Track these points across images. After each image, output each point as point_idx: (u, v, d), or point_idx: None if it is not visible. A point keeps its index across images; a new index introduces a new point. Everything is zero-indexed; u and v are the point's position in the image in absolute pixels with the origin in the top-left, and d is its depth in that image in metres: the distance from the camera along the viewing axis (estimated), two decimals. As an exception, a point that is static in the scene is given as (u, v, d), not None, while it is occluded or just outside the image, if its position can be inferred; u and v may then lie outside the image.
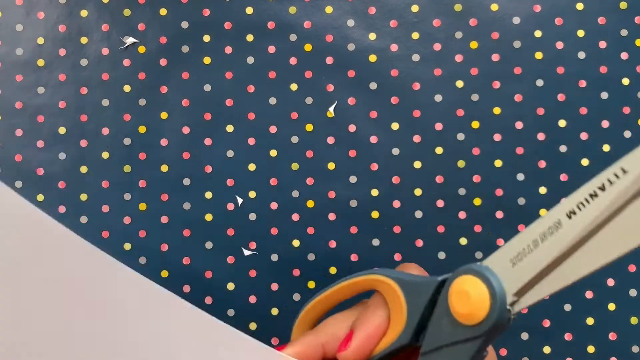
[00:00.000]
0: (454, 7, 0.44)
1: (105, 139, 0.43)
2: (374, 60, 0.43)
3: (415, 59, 0.43)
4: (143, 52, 0.44)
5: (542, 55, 0.43)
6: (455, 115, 0.43)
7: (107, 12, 0.44)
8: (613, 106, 0.42)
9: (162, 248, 0.43)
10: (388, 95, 0.43)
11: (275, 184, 0.43)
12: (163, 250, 0.43)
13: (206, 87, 0.44)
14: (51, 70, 0.44)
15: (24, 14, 0.44)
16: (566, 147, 0.43)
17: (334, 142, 0.43)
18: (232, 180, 0.43)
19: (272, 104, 0.43)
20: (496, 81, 0.43)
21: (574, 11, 0.43)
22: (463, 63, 0.43)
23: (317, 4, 0.44)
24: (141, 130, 0.44)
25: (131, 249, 0.43)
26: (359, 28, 0.44)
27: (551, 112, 0.43)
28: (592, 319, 0.42)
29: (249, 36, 0.44)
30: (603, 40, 0.43)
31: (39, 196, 0.43)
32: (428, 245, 0.42)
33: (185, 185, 0.43)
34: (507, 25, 0.43)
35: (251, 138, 0.43)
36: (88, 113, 0.44)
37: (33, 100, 0.44)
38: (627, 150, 0.44)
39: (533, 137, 0.43)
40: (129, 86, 0.44)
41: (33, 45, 0.44)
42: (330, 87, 0.43)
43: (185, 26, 0.44)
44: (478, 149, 0.43)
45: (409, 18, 0.44)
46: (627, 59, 0.43)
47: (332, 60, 0.44)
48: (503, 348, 0.42)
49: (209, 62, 0.44)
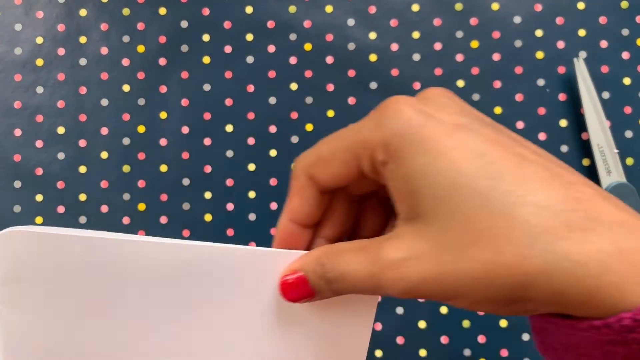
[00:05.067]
0: (455, 6, 0.43)
1: (104, 139, 0.43)
2: (374, 60, 0.43)
3: (416, 59, 0.43)
4: (142, 52, 0.44)
5: (543, 54, 0.43)
6: (455, 115, 0.43)
7: (106, 12, 0.44)
8: (614, 106, 0.42)
9: (161, 248, 0.43)
10: (388, 95, 0.43)
11: (275, 184, 0.43)
12: (162, 251, 0.43)
13: (206, 86, 0.43)
14: (50, 69, 0.44)
15: (22, 14, 0.44)
16: (567, 146, 0.42)
17: (334, 142, 0.43)
18: (232, 180, 0.43)
19: (272, 103, 0.43)
20: (497, 81, 0.43)
21: (575, 10, 0.43)
22: (464, 62, 0.43)
23: (317, 3, 0.44)
24: (140, 130, 0.43)
25: (130, 249, 0.43)
26: (359, 27, 0.43)
27: (552, 111, 0.43)
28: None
29: (248, 35, 0.44)
30: (604, 40, 0.43)
31: (38, 196, 0.43)
32: (428, 246, 0.42)
33: (184, 185, 0.43)
34: (508, 24, 0.43)
35: (251, 138, 0.43)
36: (87, 113, 0.43)
37: (32, 100, 0.43)
38: (628, 150, 0.44)
39: (534, 137, 0.43)
40: (128, 86, 0.44)
41: (32, 45, 0.44)
42: (330, 87, 0.43)
43: (184, 25, 0.44)
44: (479, 148, 0.43)
45: (409, 17, 0.44)
46: (628, 58, 0.43)
47: (332, 60, 0.43)
48: (504, 349, 0.42)
49: (209, 61, 0.44)
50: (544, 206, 0.19)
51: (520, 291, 0.20)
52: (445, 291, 0.21)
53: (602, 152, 0.41)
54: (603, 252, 0.19)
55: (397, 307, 0.42)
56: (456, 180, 0.20)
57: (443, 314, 0.42)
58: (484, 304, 0.21)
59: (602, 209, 0.19)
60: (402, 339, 0.42)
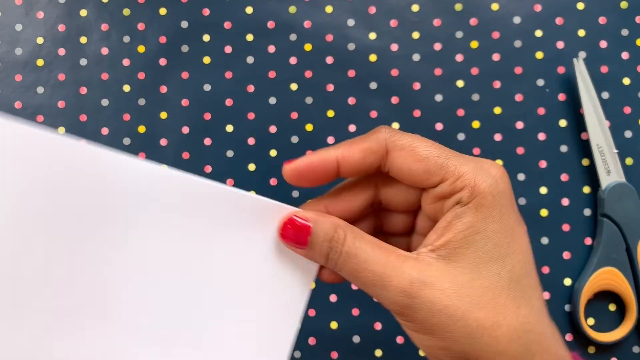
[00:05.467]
0: (455, 6, 0.43)
1: (104, 139, 0.43)
2: (374, 60, 0.43)
3: (416, 59, 0.43)
4: (143, 52, 0.44)
5: (543, 54, 0.43)
6: (455, 115, 0.43)
7: (107, 12, 0.44)
8: (614, 106, 0.42)
9: (161, 248, 0.43)
10: (388, 95, 0.43)
11: (275, 184, 0.43)
12: (163, 251, 0.43)
13: (206, 86, 0.44)
14: (50, 70, 0.44)
15: (23, 14, 0.44)
16: (567, 147, 0.42)
17: (334, 142, 0.43)
18: (232, 180, 0.43)
19: (272, 103, 0.43)
20: (497, 81, 0.43)
21: (574, 11, 0.43)
22: (463, 63, 0.43)
23: (317, 4, 0.44)
24: (141, 130, 0.43)
25: (131, 249, 0.43)
26: (359, 28, 0.44)
27: (552, 111, 0.43)
28: (593, 319, 0.42)
29: (248, 36, 0.44)
30: (604, 40, 0.43)
31: (39, 196, 0.43)
32: (428, 246, 0.42)
33: (185, 185, 0.43)
34: (507, 24, 0.43)
35: (251, 138, 0.43)
36: (87, 113, 0.43)
37: (32, 100, 0.43)
38: (628, 150, 0.45)
39: (533, 137, 0.43)
40: (129, 86, 0.44)
41: (32, 45, 0.44)
42: (330, 87, 0.43)
43: (185, 26, 0.44)
44: (478, 148, 0.43)
45: (409, 17, 0.44)
46: (627, 58, 0.43)
47: (332, 60, 0.43)
48: (503, 348, 0.42)
49: (209, 61, 0.44)
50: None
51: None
52: (427, 328, 0.25)
53: (601, 152, 0.41)
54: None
55: (397, 306, 0.42)
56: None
57: (443, 314, 0.42)
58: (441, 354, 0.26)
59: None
60: (401, 339, 0.42)
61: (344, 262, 0.26)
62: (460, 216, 0.25)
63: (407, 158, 0.26)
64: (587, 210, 0.42)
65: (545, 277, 0.42)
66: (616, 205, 0.40)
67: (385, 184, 0.28)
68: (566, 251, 0.42)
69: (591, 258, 0.41)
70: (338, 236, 0.26)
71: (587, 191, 0.42)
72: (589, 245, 0.42)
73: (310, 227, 0.26)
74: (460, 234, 0.25)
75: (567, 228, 0.42)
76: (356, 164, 0.27)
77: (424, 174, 0.26)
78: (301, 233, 0.26)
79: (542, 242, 0.42)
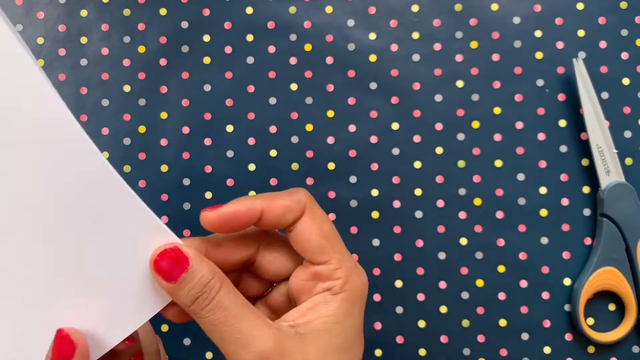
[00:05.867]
0: (454, 6, 0.43)
1: (105, 139, 0.43)
2: (374, 60, 0.43)
3: (416, 59, 0.43)
4: (143, 52, 0.44)
5: (543, 55, 0.43)
6: (455, 115, 0.43)
7: (107, 12, 0.44)
8: (613, 106, 0.42)
9: (162, 248, 0.43)
10: (388, 95, 0.43)
11: (276, 184, 0.43)
12: (163, 250, 0.43)
13: (206, 87, 0.44)
14: (51, 70, 0.44)
15: (23, 14, 0.44)
16: (566, 147, 0.43)
17: (334, 142, 0.43)
18: (232, 180, 0.43)
19: (272, 104, 0.43)
20: (496, 81, 0.43)
21: (574, 11, 0.43)
22: (463, 63, 0.43)
23: (317, 4, 0.44)
24: (141, 130, 0.43)
25: (131, 249, 0.43)
26: (359, 28, 0.44)
27: (551, 111, 0.43)
28: (592, 319, 0.42)
29: (248, 36, 0.44)
30: (603, 40, 0.43)
31: (39, 196, 0.43)
32: (428, 245, 0.42)
33: (185, 185, 0.43)
34: (507, 25, 0.43)
35: (251, 138, 0.43)
36: (88, 113, 0.44)
37: (33, 100, 0.43)
38: (627, 150, 0.45)
39: (533, 137, 0.43)
40: (129, 86, 0.44)
41: (33, 45, 0.44)
42: (330, 87, 0.43)
43: (185, 26, 0.44)
44: (478, 149, 0.43)
45: (409, 18, 0.44)
46: (627, 59, 0.43)
47: (332, 60, 0.44)
48: (503, 348, 0.42)
49: (209, 62, 0.44)
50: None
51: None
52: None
53: (601, 152, 0.41)
54: None
55: (397, 306, 0.42)
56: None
57: (443, 314, 0.42)
58: None
59: None
60: (401, 339, 0.42)
61: (210, 311, 0.26)
62: (327, 303, 0.27)
63: (313, 229, 0.28)
64: (587, 210, 0.42)
65: (544, 277, 0.42)
66: (616, 205, 0.41)
67: (266, 247, 0.29)
68: (566, 251, 0.42)
69: (591, 258, 0.41)
70: (214, 283, 0.26)
71: (586, 191, 0.42)
72: (588, 245, 0.42)
73: (189, 265, 0.26)
74: (322, 319, 0.27)
75: (567, 228, 0.42)
76: (276, 218, 0.27)
77: (318, 248, 0.28)
78: (177, 267, 0.26)
79: (542, 242, 0.42)
